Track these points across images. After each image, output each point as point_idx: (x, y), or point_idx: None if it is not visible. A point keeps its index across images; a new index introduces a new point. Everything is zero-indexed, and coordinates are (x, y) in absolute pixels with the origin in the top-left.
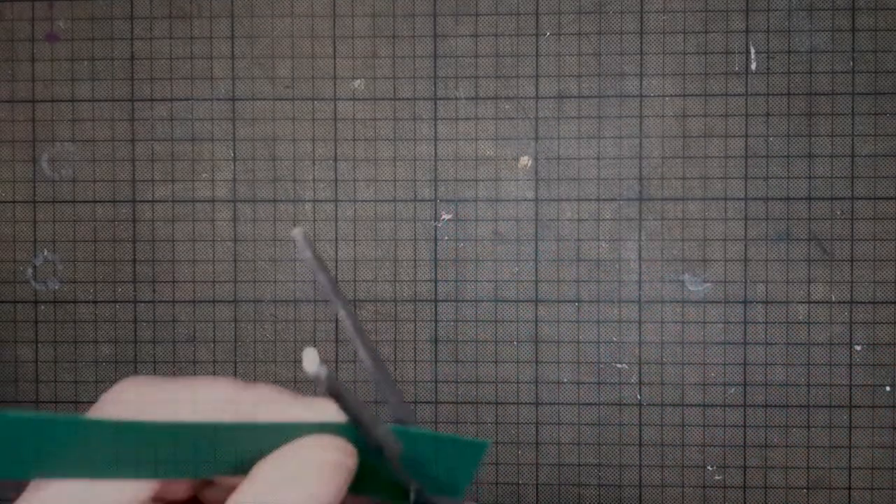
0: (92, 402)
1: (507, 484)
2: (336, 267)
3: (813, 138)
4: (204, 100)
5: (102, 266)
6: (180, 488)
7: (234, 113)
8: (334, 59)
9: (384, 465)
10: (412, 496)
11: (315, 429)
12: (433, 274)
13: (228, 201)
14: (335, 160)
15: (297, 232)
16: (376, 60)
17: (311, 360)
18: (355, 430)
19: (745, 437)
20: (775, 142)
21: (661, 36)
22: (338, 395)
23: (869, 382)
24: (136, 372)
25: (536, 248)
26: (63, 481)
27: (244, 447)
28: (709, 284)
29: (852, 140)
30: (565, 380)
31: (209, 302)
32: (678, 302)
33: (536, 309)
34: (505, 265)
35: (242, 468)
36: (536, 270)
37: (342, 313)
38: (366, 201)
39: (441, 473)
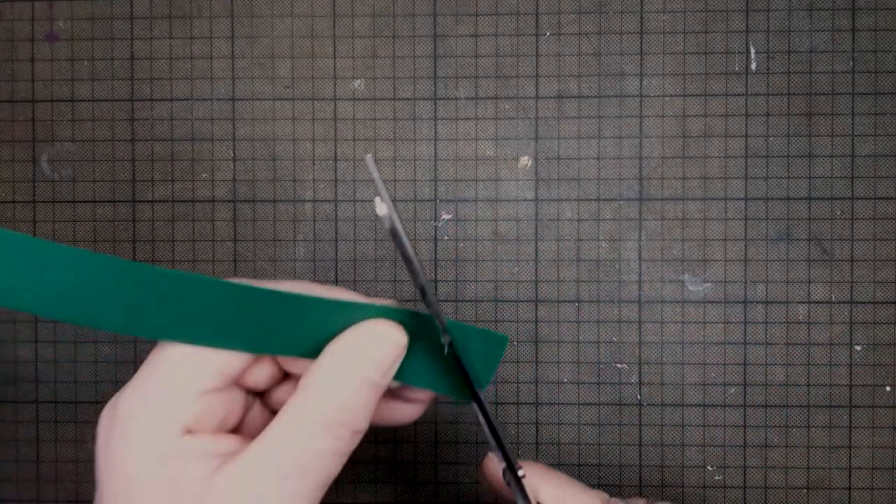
0: (92, 403)
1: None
2: (336, 267)
3: (813, 138)
4: (204, 100)
5: None
6: (262, 376)
7: (234, 113)
8: (334, 59)
9: (429, 356)
10: (445, 349)
11: (377, 312)
12: (433, 274)
13: (228, 201)
14: (335, 160)
15: (368, 158)
16: (376, 60)
17: (379, 205)
18: (409, 318)
19: (746, 438)
20: (775, 142)
21: (661, 36)
22: (395, 234)
23: (869, 382)
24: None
25: (536, 248)
26: (177, 344)
27: (317, 325)
28: (709, 284)
29: (852, 140)
30: (565, 380)
31: None
32: (678, 302)
33: (536, 309)
34: (505, 265)
35: (314, 351)
36: (536, 270)
37: (394, 215)
38: (366, 201)
39: (472, 361)
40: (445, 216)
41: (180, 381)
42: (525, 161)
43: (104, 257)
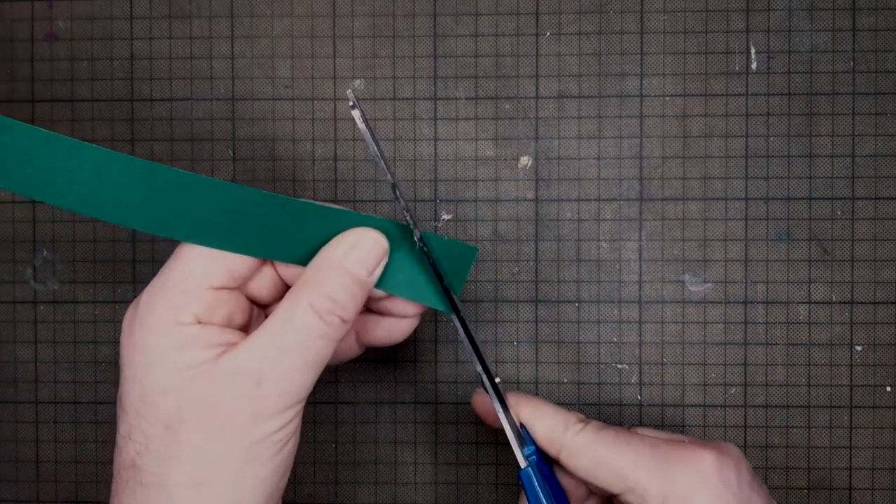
0: (92, 403)
1: (508, 485)
2: None
3: (813, 138)
4: (203, 100)
5: (102, 266)
6: (265, 286)
7: (233, 113)
8: (334, 58)
9: (410, 266)
10: (417, 244)
11: (364, 221)
12: None
13: None
14: (335, 160)
15: (350, 93)
16: (376, 60)
17: (351, 96)
18: (393, 228)
19: (746, 438)
20: (776, 142)
21: (662, 36)
22: (364, 121)
23: (869, 383)
24: None
25: (536, 248)
26: (192, 247)
27: (314, 232)
28: (709, 284)
29: (853, 140)
30: (565, 380)
31: None
32: (678, 302)
33: (536, 309)
34: (505, 265)
35: (305, 258)
36: (536, 270)
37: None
38: (366, 201)
39: (444, 270)
40: (445, 216)
41: (192, 277)
42: (525, 161)
43: (122, 157)
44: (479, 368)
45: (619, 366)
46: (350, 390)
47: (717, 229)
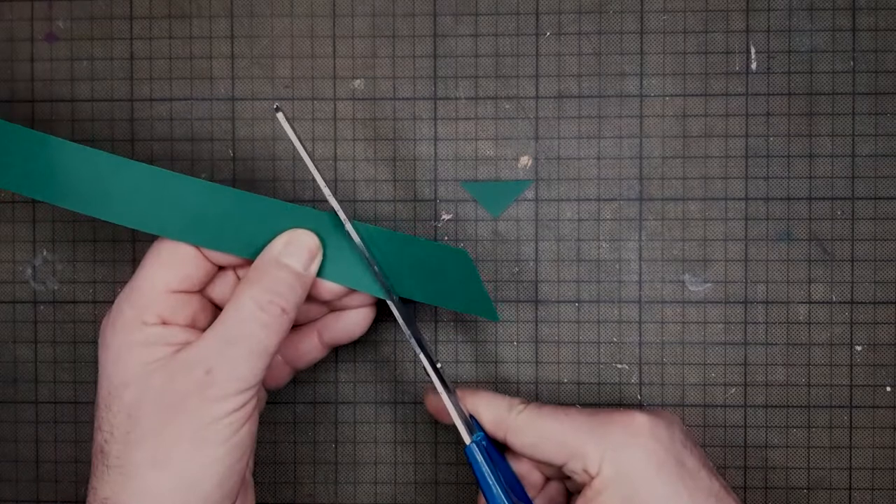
0: (92, 403)
1: None
2: None
3: (813, 138)
4: (203, 99)
5: (102, 266)
6: (224, 290)
7: (233, 113)
8: (334, 58)
9: (352, 258)
10: (348, 235)
11: (307, 216)
12: None
13: None
14: (335, 160)
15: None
16: (376, 60)
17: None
18: (332, 221)
19: (746, 438)
20: (776, 142)
21: (662, 36)
22: (291, 126)
23: (869, 383)
24: None
25: (536, 248)
26: (159, 256)
27: (266, 227)
28: (709, 284)
29: (853, 140)
30: (565, 380)
31: None
32: (678, 302)
33: (536, 309)
34: (505, 265)
35: (251, 251)
36: (536, 270)
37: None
38: (366, 201)
39: (450, 279)
40: (445, 216)
41: (155, 282)
42: (525, 161)
43: (85, 150)
44: (421, 355)
45: (619, 366)
46: (350, 390)
47: (717, 229)
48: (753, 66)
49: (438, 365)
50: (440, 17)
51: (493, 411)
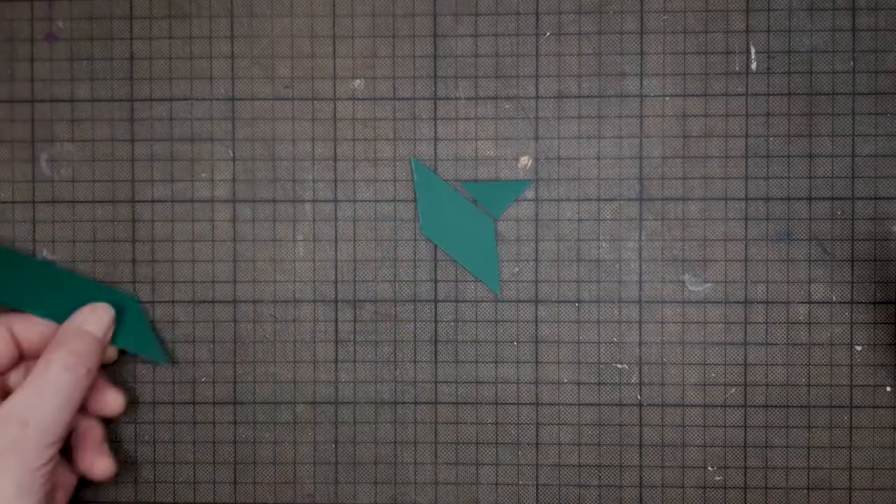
0: None
1: (508, 485)
2: (336, 267)
3: (813, 138)
4: (203, 99)
5: (102, 266)
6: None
7: (233, 113)
8: (334, 58)
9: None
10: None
11: (102, 294)
12: (433, 274)
13: (228, 201)
14: (335, 160)
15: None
16: (376, 60)
17: None
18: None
19: (746, 438)
20: (775, 142)
21: (662, 36)
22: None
23: (870, 383)
24: (135, 372)
25: (536, 248)
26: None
27: (72, 298)
28: (709, 284)
29: (853, 140)
30: (565, 380)
31: (209, 302)
32: (678, 302)
33: (536, 309)
34: (505, 265)
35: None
36: (536, 270)
37: None
38: (366, 201)
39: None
40: None
41: None
42: (525, 161)
43: None
44: None
45: (619, 366)
46: (350, 390)
47: (717, 229)
48: (753, 66)
49: None
50: (440, 17)
51: None
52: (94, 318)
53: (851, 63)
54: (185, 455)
